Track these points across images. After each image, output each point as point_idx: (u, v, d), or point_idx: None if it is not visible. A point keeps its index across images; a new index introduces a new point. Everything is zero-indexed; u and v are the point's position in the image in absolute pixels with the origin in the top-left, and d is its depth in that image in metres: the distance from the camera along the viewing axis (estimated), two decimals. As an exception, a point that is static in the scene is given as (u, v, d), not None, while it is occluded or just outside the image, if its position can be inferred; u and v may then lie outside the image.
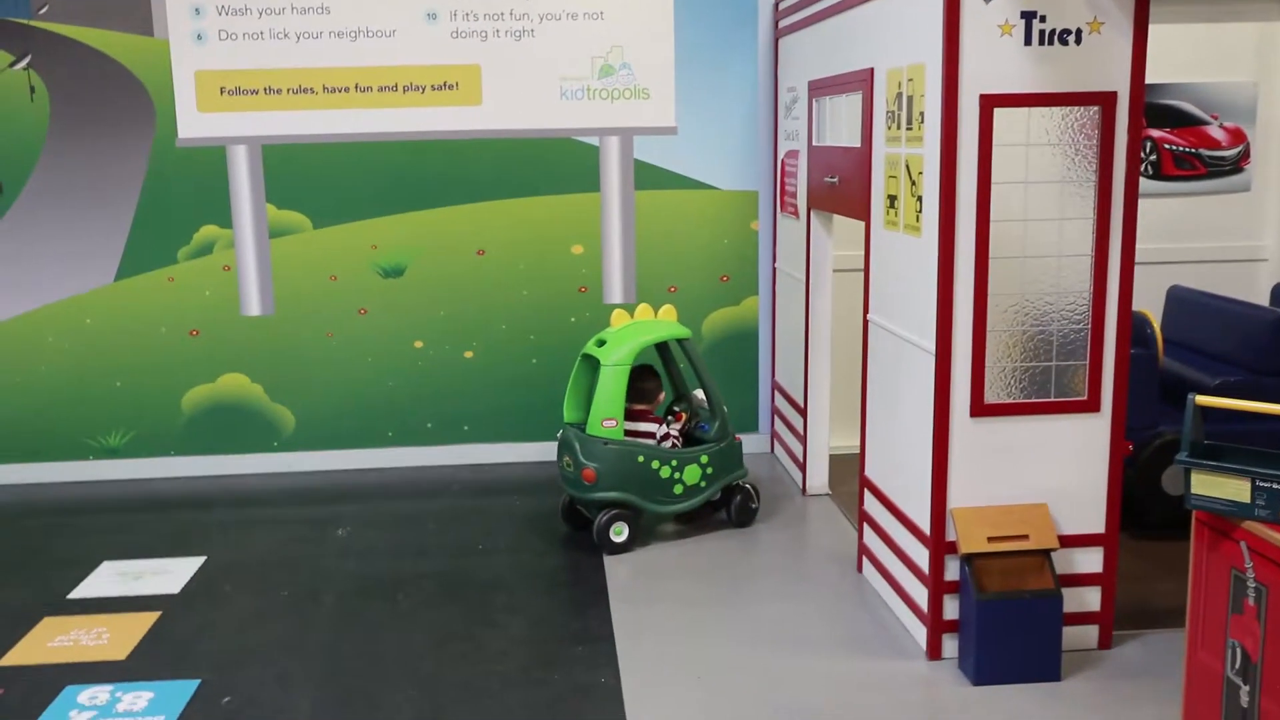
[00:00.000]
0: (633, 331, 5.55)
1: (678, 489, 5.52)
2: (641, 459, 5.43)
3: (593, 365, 5.53)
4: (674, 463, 5.49)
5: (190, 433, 6.85)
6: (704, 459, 5.57)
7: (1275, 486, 2.91)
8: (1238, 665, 3.02)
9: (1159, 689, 4.04)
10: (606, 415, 5.40)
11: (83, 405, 6.79)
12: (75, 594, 5.17)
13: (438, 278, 6.81)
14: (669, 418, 5.81)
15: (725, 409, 5.74)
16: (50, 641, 4.69)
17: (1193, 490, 3.07)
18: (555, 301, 6.85)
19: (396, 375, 6.89)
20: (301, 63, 6.51)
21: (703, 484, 5.58)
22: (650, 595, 5.01)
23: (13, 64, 6.46)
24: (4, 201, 6.57)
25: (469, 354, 6.90)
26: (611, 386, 5.40)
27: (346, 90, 6.58)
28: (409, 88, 6.60)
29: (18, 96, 6.50)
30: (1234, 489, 2.99)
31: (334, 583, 5.23)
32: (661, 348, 5.82)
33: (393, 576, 5.28)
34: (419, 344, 6.88)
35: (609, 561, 5.36)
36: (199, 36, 6.46)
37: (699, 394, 5.78)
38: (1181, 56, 6.63)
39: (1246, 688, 2.99)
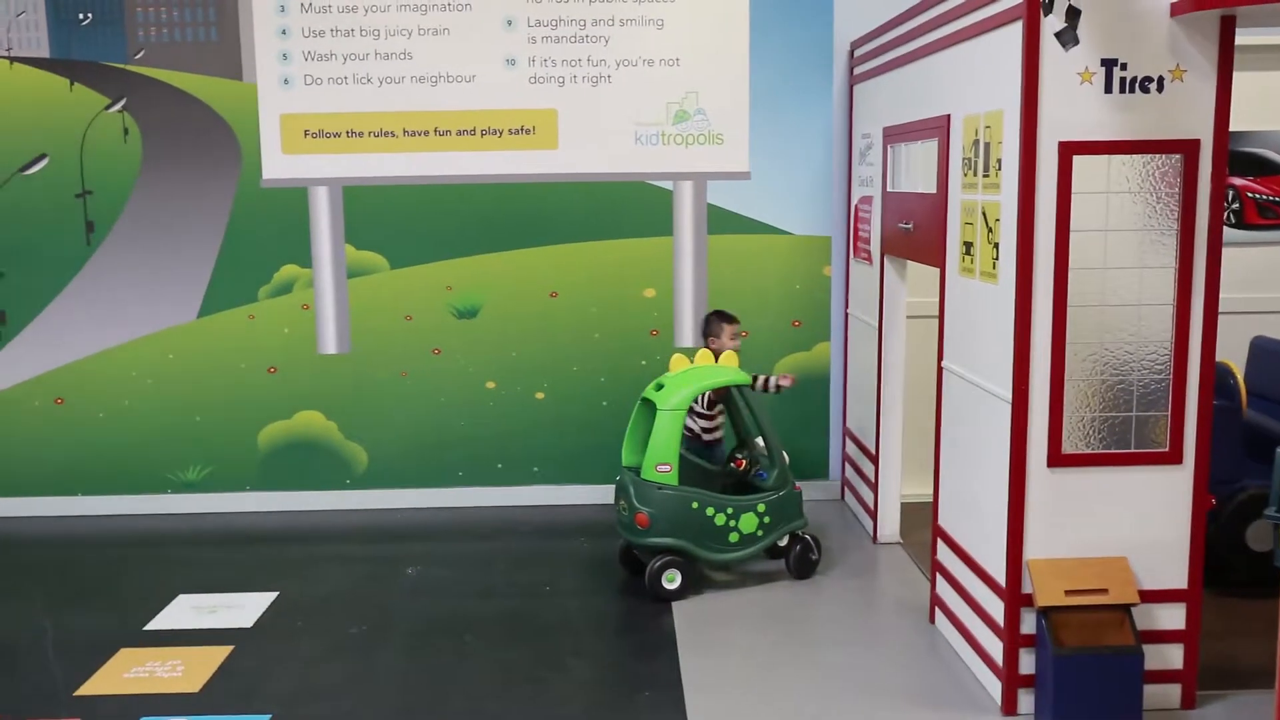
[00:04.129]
0: (692, 376, 5.53)
1: (733, 537, 5.47)
2: (696, 505, 5.39)
3: (651, 409, 5.51)
4: (730, 510, 5.44)
5: (266, 469, 6.97)
6: (761, 508, 5.51)
7: (1369, 545, 2.82)
8: (1330, 730, 2.92)
9: (1245, 752, 3.93)
10: (661, 460, 5.37)
11: (163, 439, 6.94)
12: (151, 625, 5.26)
13: (511, 319, 6.88)
14: (730, 464, 5.78)
15: (786, 456, 5.67)
16: (126, 672, 4.77)
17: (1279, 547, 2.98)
18: (626, 344, 6.88)
19: (468, 415, 6.95)
20: (383, 106, 6.66)
21: (760, 533, 5.52)
22: (717, 643, 4.96)
23: (109, 106, 6.70)
24: (95, 238, 6.78)
25: (540, 395, 6.95)
26: (667, 431, 5.37)
27: (426, 133, 6.71)
28: (487, 131, 6.71)
29: (112, 137, 6.73)
30: (1325, 546, 2.90)
31: (403, 621, 5.26)
32: (724, 394, 5.78)
33: (460, 616, 5.30)
34: (491, 384, 6.94)
35: (676, 608, 5.33)
36: (285, 81, 6.64)
37: (760, 441, 5.72)
38: (1265, 104, 6.52)
39: (1339, 754, 2.89)
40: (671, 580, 5.39)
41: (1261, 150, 6.67)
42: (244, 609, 5.42)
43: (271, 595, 5.59)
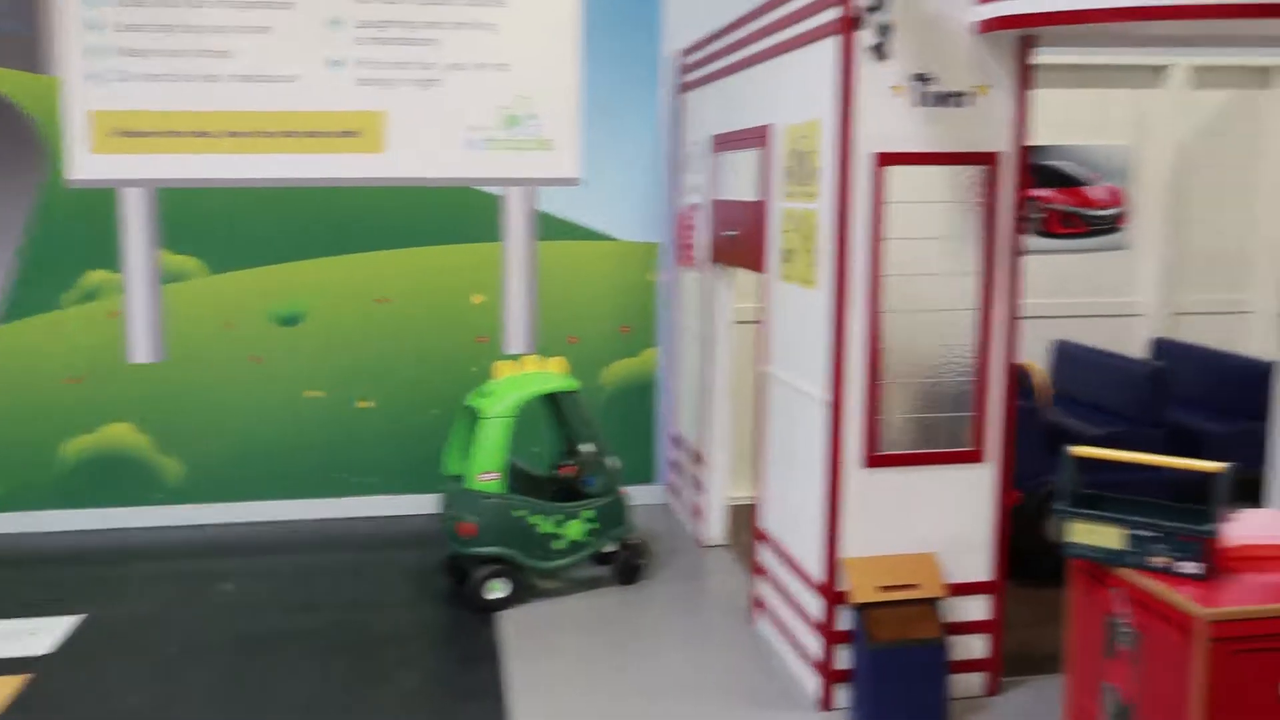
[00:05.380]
0: (517, 383, 5.51)
1: (560, 544, 5.46)
2: (522, 513, 5.36)
3: (476, 417, 5.47)
4: (556, 517, 5.44)
5: (68, 485, 6.60)
6: (588, 514, 5.53)
7: (1147, 534, 3.00)
8: (1114, 709, 3.09)
9: (1044, 735, 4.12)
10: (486, 468, 5.33)
11: (-43, 453, 6.52)
12: (-61, 653, 4.93)
13: (335, 326, 6.72)
14: (557, 471, 5.78)
15: (614, 462, 5.70)
16: (-89, 702, 4.46)
17: (1071, 539, 3.15)
18: (455, 351, 6.80)
19: (290, 425, 6.75)
20: (200, 105, 6.41)
21: (587, 539, 5.52)
22: (543, 651, 4.94)
23: (-107, 100, 6.26)
24: (-121, 241, 6.32)
25: (365, 404, 6.80)
26: (492, 439, 5.33)
27: (246, 134, 6.50)
28: (311, 133, 6.54)
29: (-103, 133, 6.29)
30: (1108, 537, 3.07)
31: (219, 640, 5.07)
32: (551, 401, 5.78)
33: (281, 632, 5.14)
34: (314, 393, 6.76)
35: (503, 617, 5.28)
36: (94, 76, 6.33)
37: (587, 448, 5.73)
38: (1065, 120, 6.89)
39: (1124, 732, 3.06)
40: (497, 590, 5.35)
41: (1063, 164, 7.05)
42: (42, 634, 5.12)
43: (76, 619, 5.30)
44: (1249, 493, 4.93)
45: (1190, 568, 2.94)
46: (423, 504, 6.77)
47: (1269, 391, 4.70)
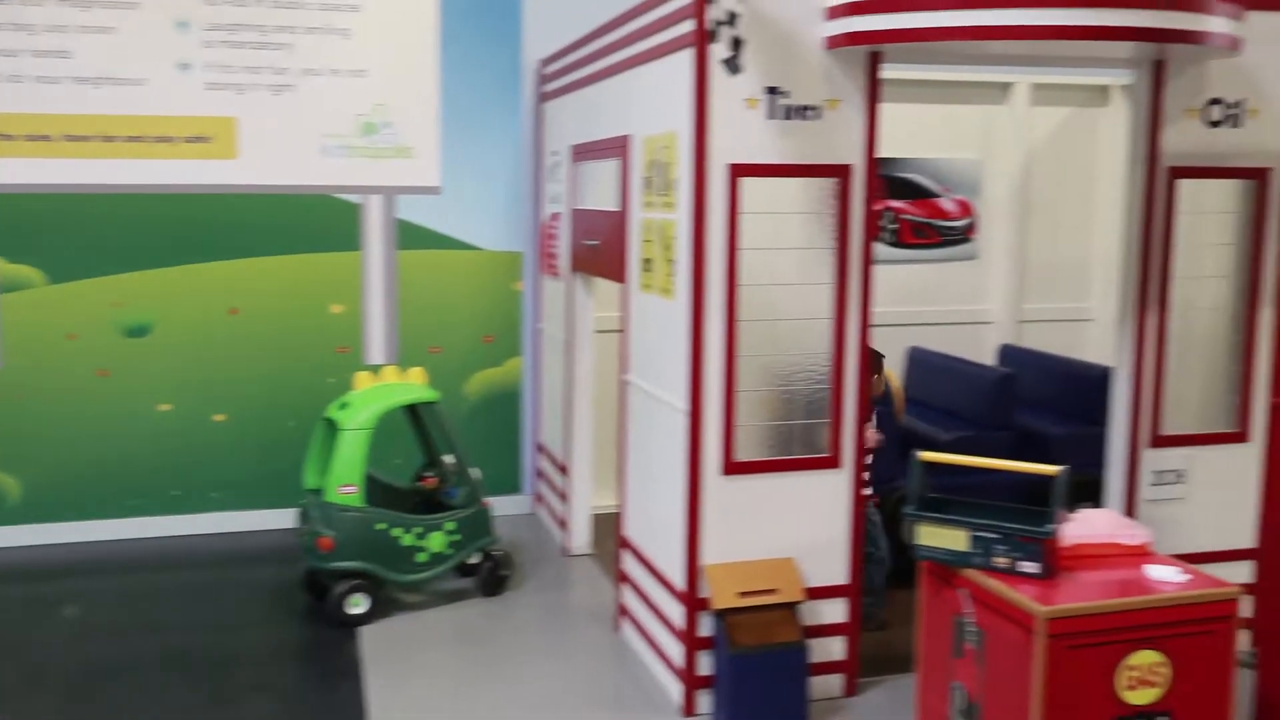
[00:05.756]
0: (377, 395, 5.42)
1: (422, 557, 5.38)
2: (382, 526, 5.27)
3: (335, 429, 5.36)
4: (418, 530, 5.36)
5: (-100, 505, 6.25)
6: (450, 526, 5.46)
7: (990, 536, 3.10)
8: (961, 706, 3.18)
9: (899, 733, 4.22)
10: (345, 481, 5.22)
11: None
12: None
13: (186, 337, 6.51)
14: (418, 482, 5.69)
15: (475, 473, 5.64)
16: None
17: (918, 541, 3.24)
18: (313, 362, 6.65)
19: (139, 440, 6.50)
20: (37, 108, 6.13)
21: (449, 552, 5.46)
22: (405, 667, 4.87)
23: None
24: None
25: (219, 417, 6.60)
26: (351, 451, 5.23)
27: (89, 139, 6.24)
28: (158, 138, 6.32)
29: None
30: (954, 539, 3.17)
31: (61, 666, 4.84)
32: (412, 412, 5.70)
33: (129, 657, 4.94)
34: (165, 406, 6.53)
35: (363, 633, 5.18)
36: (-80, 77, 6.00)
37: (449, 459, 5.67)
38: (917, 134, 7.11)
39: (970, 728, 3.16)
40: (358, 605, 5.24)
41: (915, 176, 7.27)
42: None
43: (-97, 646, 5.01)
44: (1090, 493, 5.16)
45: (1030, 567, 3.05)
46: (280, 519, 6.59)
47: (1107, 396, 4.91)
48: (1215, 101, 4.67)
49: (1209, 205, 4.74)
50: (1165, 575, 3.04)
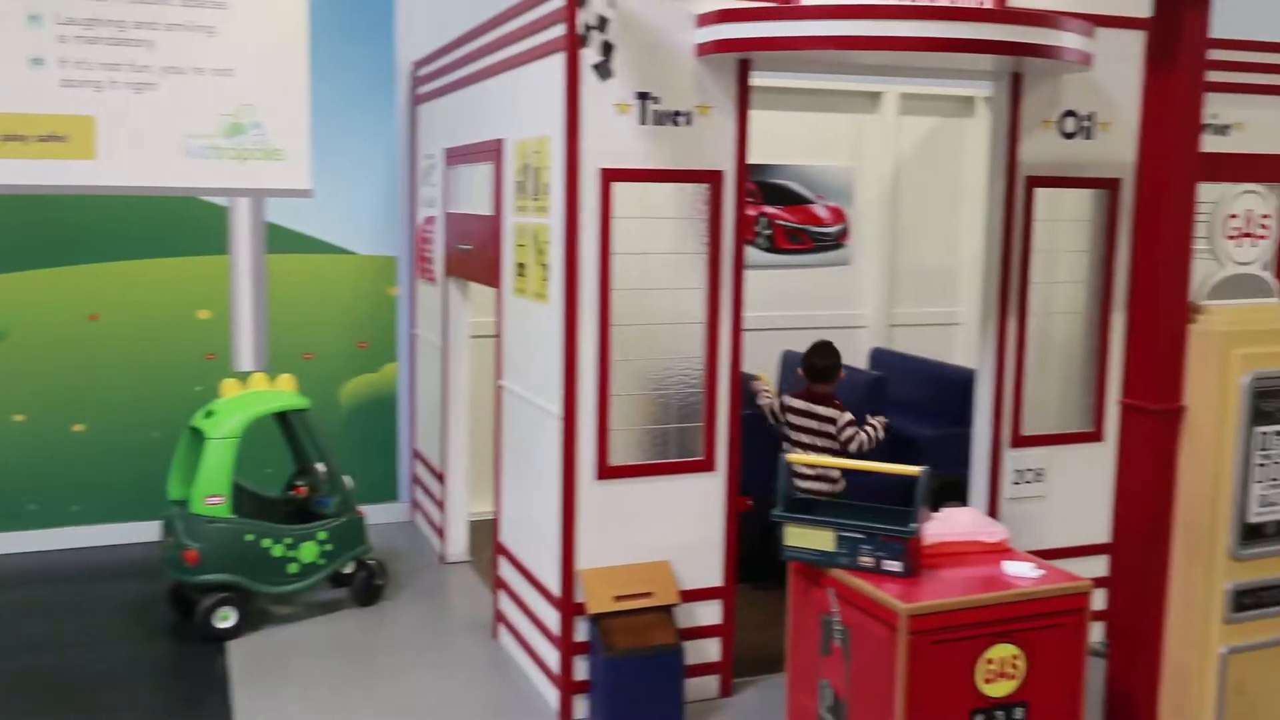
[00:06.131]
0: (244, 403, 5.28)
1: (293, 568, 5.26)
2: (251, 537, 5.13)
3: (201, 438, 5.20)
4: (288, 540, 5.24)
5: None
6: (322, 535, 5.35)
7: (856, 536, 3.16)
8: (829, 703, 3.24)
9: (774, 732, 4.27)
10: (211, 492, 5.08)
11: None
12: None
13: (42, 344, 6.24)
14: (289, 491, 5.57)
15: (348, 481, 5.54)
16: None
17: (787, 542, 3.28)
18: (179, 369, 6.45)
19: (-8, 451, 6.23)
20: (-123, 104, 5.83)
21: (322, 561, 5.35)
22: (276, 681, 4.75)
23: None
24: None
25: (79, 427, 6.35)
26: (217, 461, 5.09)
27: (-65, 137, 5.95)
28: (10, 137, 6.05)
29: None
30: (821, 540, 3.23)
31: (-96, 689, 4.61)
32: (283, 421, 5.57)
33: (-22, 677, 4.73)
34: (19, 417, 6.25)
35: (232, 647, 5.04)
36: None
37: (321, 467, 5.56)
38: (792, 141, 7.22)
39: (838, 725, 3.22)
40: (226, 618, 5.10)
41: (789, 182, 7.38)
42: None
43: None
44: (958, 492, 5.30)
45: (894, 566, 3.12)
46: (144, 532, 6.37)
47: (973, 398, 5.06)
48: (1069, 114, 4.86)
49: (1065, 213, 4.93)
50: (1021, 571, 3.15)
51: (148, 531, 6.32)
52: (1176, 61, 3.37)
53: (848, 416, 5.16)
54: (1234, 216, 3.51)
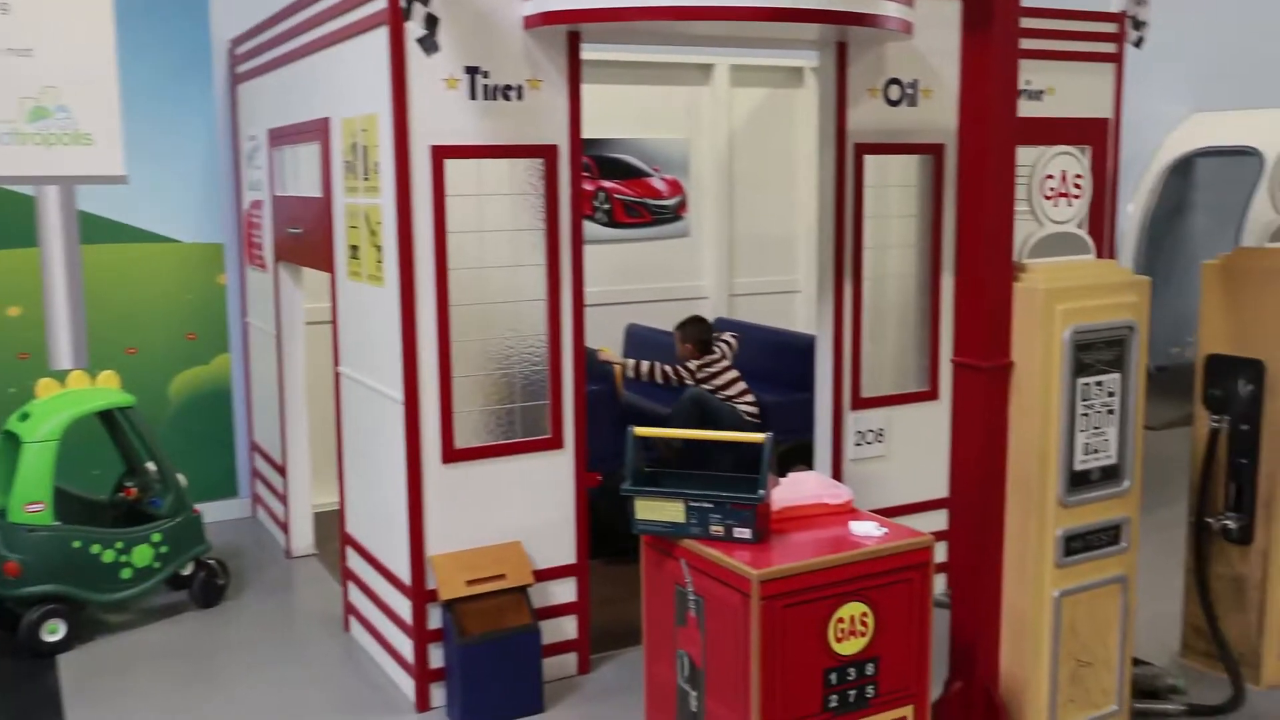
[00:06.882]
0: (63, 403, 5.00)
1: (126, 573, 5.03)
2: (78, 544, 4.88)
3: (17, 443, 4.90)
4: (119, 545, 5.00)
5: None
6: (157, 537, 5.12)
7: (705, 506, 3.18)
8: (687, 673, 3.26)
9: (634, 704, 4.20)
10: (31, 499, 4.81)
11: None
12: None
13: None
14: (119, 494, 5.32)
15: (182, 479, 5.31)
16: None
17: (637, 516, 3.28)
18: (-10, 371, 6.07)
19: None
20: None
21: (157, 565, 5.12)
22: (112, 694, 4.52)
23: None
24: None
25: (-120, 437, 5.91)
26: (36, 466, 4.82)
27: None
28: None
29: None
30: (671, 511, 3.23)
31: None
32: (108, 420, 5.29)
33: None
34: None
35: (61, 661, 4.78)
36: None
37: (151, 466, 5.31)
38: (628, 114, 7.21)
39: (695, 693, 3.24)
40: (54, 631, 4.83)
41: (626, 156, 7.37)
42: None
43: None
44: (805, 456, 5.40)
45: (744, 533, 3.15)
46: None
47: (815, 363, 5.15)
48: (894, 82, 4.97)
49: (893, 179, 5.05)
50: (866, 530, 3.21)
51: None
52: (992, 28, 3.46)
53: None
54: (1050, 177, 3.64)
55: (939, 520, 5.06)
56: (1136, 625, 3.90)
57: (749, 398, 6.11)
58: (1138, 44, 5.72)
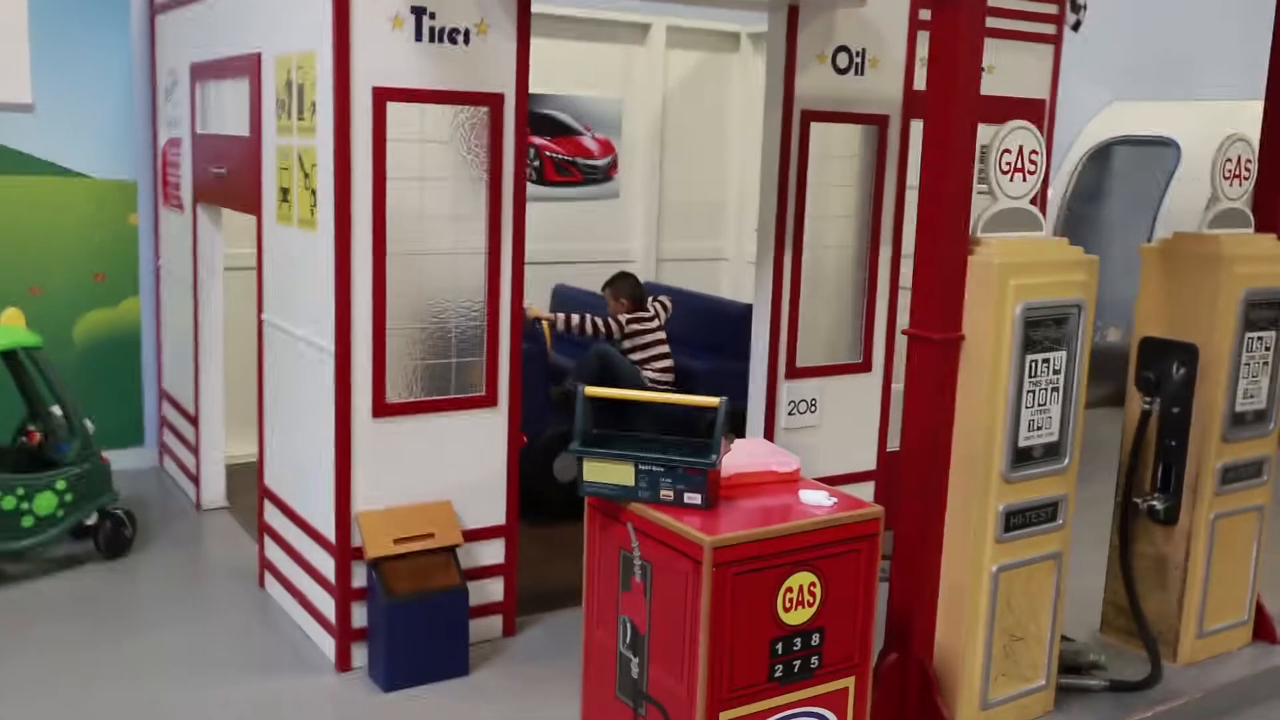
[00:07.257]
0: None
1: (28, 521, 4.80)
2: None
3: None
4: (20, 491, 4.77)
5: None
6: (61, 484, 4.90)
7: (654, 469, 3.11)
8: (629, 639, 3.19)
9: (562, 668, 4.18)
10: None
11: None
12: None
13: None
14: (22, 438, 5.06)
15: (90, 425, 5.08)
16: None
17: (585, 478, 3.19)
18: (-121, 305, 5.72)
19: None
20: None
21: (61, 513, 4.90)
22: (14, 644, 4.31)
23: None
24: None
25: None
26: None
27: None
28: None
29: None
30: (620, 474, 3.15)
31: None
32: (10, 361, 5.02)
33: None
34: None
35: (-43, 610, 4.56)
36: None
37: (57, 410, 5.06)
38: (561, 71, 7.05)
39: (636, 659, 3.18)
40: (-51, 582, 4.60)
41: (557, 113, 7.22)
42: None
43: None
44: (734, 424, 5.37)
45: (694, 498, 3.08)
46: None
47: (745, 331, 5.11)
48: (842, 49, 4.92)
49: (835, 149, 5.01)
50: (817, 500, 3.17)
51: None
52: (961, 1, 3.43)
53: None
54: (1007, 152, 3.63)
55: (865, 492, 5.09)
56: (1063, 600, 3.95)
57: (664, 364, 6.09)
58: (1075, 27, 5.77)
